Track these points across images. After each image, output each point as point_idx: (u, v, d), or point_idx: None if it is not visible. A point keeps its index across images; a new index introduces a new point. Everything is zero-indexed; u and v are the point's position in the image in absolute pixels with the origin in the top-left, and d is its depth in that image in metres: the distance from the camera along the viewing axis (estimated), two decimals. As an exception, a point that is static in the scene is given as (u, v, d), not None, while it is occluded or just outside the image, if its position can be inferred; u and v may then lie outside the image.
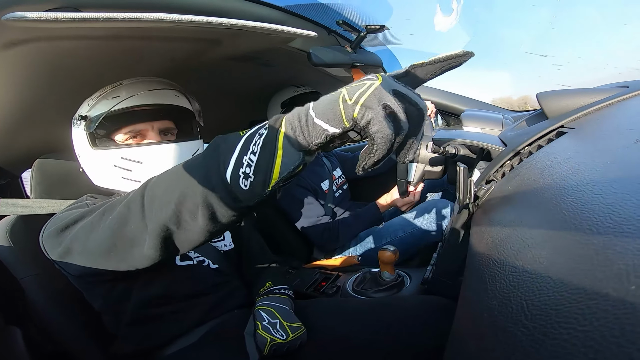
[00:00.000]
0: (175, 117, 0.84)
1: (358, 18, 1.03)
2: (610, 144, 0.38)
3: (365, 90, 0.38)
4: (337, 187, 1.55)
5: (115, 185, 0.77)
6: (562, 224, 0.29)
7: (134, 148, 0.75)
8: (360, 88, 0.39)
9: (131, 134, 0.78)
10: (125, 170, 0.74)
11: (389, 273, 1.00)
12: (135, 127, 0.78)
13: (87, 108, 0.77)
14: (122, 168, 0.74)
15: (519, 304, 0.26)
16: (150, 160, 0.74)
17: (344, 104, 0.38)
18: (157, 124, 0.80)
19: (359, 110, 0.37)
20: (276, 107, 1.45)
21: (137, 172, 0.74)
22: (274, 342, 0.67)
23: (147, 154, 0.75)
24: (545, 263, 0.27)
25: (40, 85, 0.83)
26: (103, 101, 0.76)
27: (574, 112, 0.56)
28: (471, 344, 0.31)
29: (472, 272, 0.40)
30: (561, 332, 0.20)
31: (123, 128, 0.78)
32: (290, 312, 0.77)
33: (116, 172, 0.75)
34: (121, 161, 0.74)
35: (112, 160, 0.74)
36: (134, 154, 0.74)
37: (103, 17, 0.55)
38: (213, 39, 0.89)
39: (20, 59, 0.70)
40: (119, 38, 0.76)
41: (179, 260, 0.79)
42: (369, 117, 0.37)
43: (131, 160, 0.74)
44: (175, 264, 0.78)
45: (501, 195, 0.47)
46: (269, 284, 0.86)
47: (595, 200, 0.28)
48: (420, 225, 1.24)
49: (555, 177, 0.38)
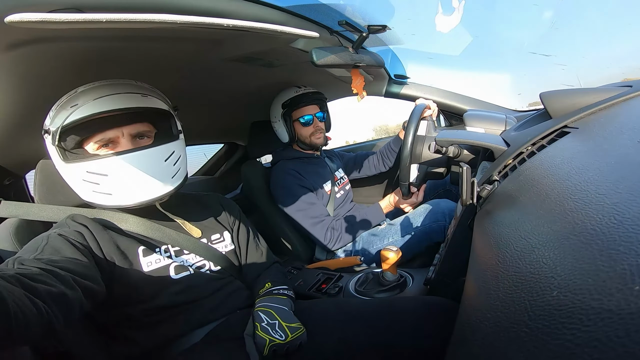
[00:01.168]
0: (148, 118, 0.78)
1: (360, 18, 1.03)
2: (614, 143, 0.38)
3: None
4: (339, 188, 1.55)
5: (89, 198, 0.74)
6: (566, 224, 0.29)
7: (97, 161, 0.70)
8: None
9: (101, 142, 0.74)
10: (93, 184, 0.71)
11: (391, 273, 1.00)
12: (104, 134, 0.73)
13: (49, 121, 0.72)
14: (90, 182, 0.71)
15: (522, 304, 0.26)
16: (115, 171, 0.70)
17: None
18: (127, 129, 0.75)
19: None
20: (277, 108, 1.46)
21: (105, 185, 0.71)
22: (273, 343, 0.67)
23: (110, 165, 0.70)
24: (548, 263, 0.26)
25: (44, 86, 0.83)
26: (61, 112, 0.70)
27: (577, 112, 0.56)
28: (474, 344, 0.31)
29: (474, 272, 0.40)
30: (565, 332, 0.20)
31: (92, 137, 0.73)
32: (290, 312, 0.77)
33: (86, 185, 0.72)
34: (87, 175, 0.70)
35: (79, 174, 0.71)
36: (97, 166, 0.70)
37: (106, 19, 0.55)
38: (215, 40, 0.89)
39: (24, 60, 0.70)
40: (121, 39, 0.76)
41: (174, 274, 0.78)
42: None
43: (96, 174, 0.70)
44: (171, 278, 0.77)
45: (504, 195, 0.47)
46: (269, 285, 0.86)
47: (599, 200, 0.28)
48: (423, 225, 1.24)
49: (558, 177, 0.37)
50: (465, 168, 0.54)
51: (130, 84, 0.78)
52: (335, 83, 1.58)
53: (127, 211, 0.80)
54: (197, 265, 0.83)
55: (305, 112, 1.44)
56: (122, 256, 0.74)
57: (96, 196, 0.73)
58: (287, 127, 1.45)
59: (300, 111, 1.43)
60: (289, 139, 1.48)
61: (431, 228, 1.22)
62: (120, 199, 0.73)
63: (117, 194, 0.72)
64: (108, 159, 0.70)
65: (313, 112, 1.45)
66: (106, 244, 0.73)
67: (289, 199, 1.37)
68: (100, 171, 0.70)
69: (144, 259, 0.76)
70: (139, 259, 0.76)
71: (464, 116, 0.91)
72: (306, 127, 1.45)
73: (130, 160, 0.71)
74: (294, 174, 1.39)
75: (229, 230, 0.95)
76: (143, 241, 0.79)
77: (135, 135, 0.76)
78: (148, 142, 0.78)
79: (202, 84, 1.22)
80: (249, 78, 1.32)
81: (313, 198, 1.38)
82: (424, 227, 1.23)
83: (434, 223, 1.22)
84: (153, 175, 0.73)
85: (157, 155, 0.75)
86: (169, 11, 0.62)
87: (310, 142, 1.47)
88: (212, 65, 1.08)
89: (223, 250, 0.90)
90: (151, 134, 0.80)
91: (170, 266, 0.79)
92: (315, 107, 1.46)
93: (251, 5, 0.80)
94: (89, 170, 0.70)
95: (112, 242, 0.75)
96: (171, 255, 0.81)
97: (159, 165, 0.75)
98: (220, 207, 0.98)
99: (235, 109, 1.64)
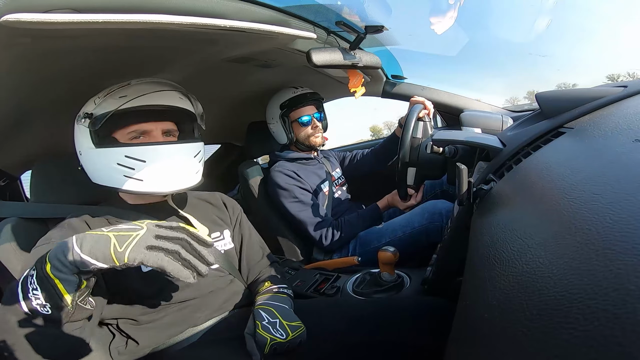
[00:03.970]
0: (178, 118, 0.85)
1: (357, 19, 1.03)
2: (609, 143, 0.38)
3: (131, 241, 0.52)
4: (337, 188, 1.55)
5: (115, 183, 0.76)
6: (562, 224, 0.29)
7: (138, 147, 0.75)
8: (127, 239, 0.52)
9: (135, 134, 0.79)
10: (127, 169, 0.74)
11: (388, 274, 1.00)
12: (141, 126, 0.78)
13: (94, 106, 0.76)
14: (125, 166, 0.74)
15: (519, 304, 0.26)
16: (153, 159, 0.75)
17: (114, 250, 0.52)
18: (161, 124, 0.81)
19: (128, 256, 0.51)
20: (275, 109, 1.45)
21: (140, 171, 0.74)
22: (274, 342, 0.67)
23: (151, 153, 0.75)
24: (545, 263, 0.27)
25: (39, 87, 0.83)
26: (110, 100, 0.75)
27: (572, 112, 0.56)
28: (471, 344, 0.31)
29: (471, 272, 0.40)
30: (562, 332, 0.20)
31: (128, 127, 0.78)
32: (290, 311, 0.77)
33: (118, 170, 0.74)
34: (125, 159, 0.74)
35: (116, 158, 0.74)
36: (138, 152, 0.74)
37: (102, 19, 0.55)
38: (211, 40, 0.89)
39: (20, 61, 0.70)
40: (117, 40, 0.76)
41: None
42: (139, 260, 0.51)
43: (135, 159, 0.74)
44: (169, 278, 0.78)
45: (500, 195, 0.47)
46: (269, 284, 0.86)
47: (594, 200, 0.28)
48: (420, 226, 1.24)
49: (554, 177, 0.38)
50: (462, 168, 0.54)
51: (171, 84, 0.83)
52: (332, 84, 1.58)
53: (134, 208, 0.82)
54: None
55: (304, 112, 1.44)
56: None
57: (127, 181, 0.75)
58: (285, 128, 1.45)
59: (298, 112, 1.43)
60: (288, 140, 1.47)
61: (428, 228, 1.22)
62: (151, 185, 0.76)
63: (148, 181, 0.75)
64: (149, 146, 0.76)
65: (311, 113, 1.45)
66: None
67: (288, 200, 1.37)
68: (140, 157, 0.74)
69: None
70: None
71: (460, 116, 0.91)
72: (305, 128, 1.45)
73: (168, 151, 0.77)
74: (292, 175, 1.39)
75: (229, 228, 0.95)
76: None
77: (165, 131, 0.82)
78: (174, 139, 0.84)
79: (198, 84, 1.21)
80: (246, 78, 1.32)
81: (310, 199, 1.38)
82: (421, 227, 1.23)
83: (431, 224, 1.22)
84: (183, 167, 0.79)
85: (188, 151, 0.80)
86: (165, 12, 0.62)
87: (309, 142, 1.47)
88: (209, 65, 1.08)
89: (222, 249, 0.90)
90: (176, 133, 0.86)
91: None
92: (313, 108, 1.47)
93: (248, 6, 0.80)
94: (128, 154, 0.74)
95: None
96: None
97: (189, 160, 0.80)
98: (222, 206, 0.99)
99: (232, 109, 1.63)
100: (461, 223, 0.61)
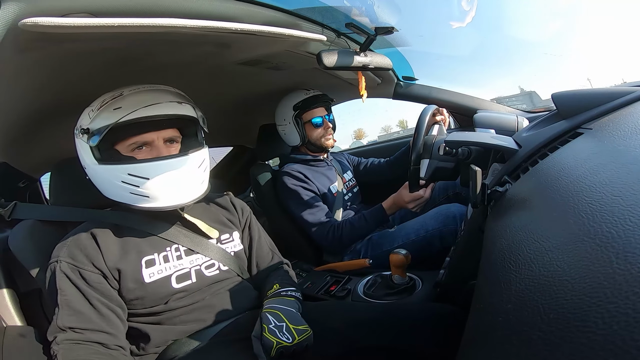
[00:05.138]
0: (180, 125, 0.83)
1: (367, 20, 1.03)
2: (629, 144, 0.37)
3: None
4: (347, 190, 1.54)
5: (122, 198, 0.77)
6: (580, 226, 0.28)
7: (140, 164, 0.74)
8: None
9: (136, 145, 0.78)
10: (131, 186, 0.74)
11: (400, 276, 0.99)
12: (142, 137, 0.77)
13: (89, 120, 0.75)
14: (129, 184, 0.74)
15: (535, 307, 0.25)
16: (156, 175, 0.74)
17: None
18: (163, 133, 0.79)
19: None
20: (287, 110, 1.46)
21: (144, 187, 0.74)
22: (280, 345, 0.67)
23: (153, 169, 0.74)
24: (562, 266, 0.26)
25: (57, 89, 0.85)
26: (104, 113, 0.73)
27: (590, 113, 0.55)
28: (485, 348, 0.30)
29: (486, 275, 0.39)
30: (579, 335, 0.20)
31: (128, 139, 0.77)
32: (297, 314, 0.76)
33: (123, 187, 0.74)
34: (127, 177, 0.74)
35: (119, 175, 0.74)
36: (140, 170, 0.74)
37: (117, 23, 0.56)
38: (223, 43, 0.90)
39: (38, 64, 0.72)
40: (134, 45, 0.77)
41: (176, 283, 0.78)
42: None
43: (137, 177, 0.73)
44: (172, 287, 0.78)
45: (516, 197, 0.47)
46: (277, 286, 0.86)
47: (614, 202, 0.27)
48: (434, 229, 1.22)
49: (572, 179, 0.37)
50: (476, 170, 0.53)
51: (169, 90, 0.82)
52: (341, 86, 1.58)
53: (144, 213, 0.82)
54: (207, 264, 0.84)
55: (316, 114, 1.46)
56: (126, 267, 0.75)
57: (133, 197, 0.75)
58: (298, 129, 1.46)
59: (311, 113, 1.45)
60: (300, 141, 1.48)
61: (442, 232, 1.20)
62: (156, 201, 0.76)
63: (154, 197, 0.75)
64: (151, 162, 0.74)
65: (322, 115, 1.47)
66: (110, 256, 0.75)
67: (294, 201, 1.38)
68: (143, 174, 0.73)
69: (146, 270, 0.77)
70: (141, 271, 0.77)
71: (474, 117, 0.90)
72: (317, 129, 1.47)
73: (171, 165, 0.75)
74: (300, 177, 1.40)
75: (239, 230, 0.96)
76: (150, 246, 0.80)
77: (167, 139, 0.81)
78: (177, 147, 0.83)
79: (211, 87, 1.23)
80: (257, 81, 1.33)
81: (317, 201, 1.38)
82: (435, 230, 1.22)
83: (445, 227, 1.20)
84: (188, 180, 0.78)
85: (192, 162, 0.79)
86: (178, 15, 0.63)
87: (321, 143, 1.49)
88: (220, 68, 1.09)
89: (232, 251, 0.91)
90: (179, 140, 0.84)
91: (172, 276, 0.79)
92: (324, 110, 1.49)
93: (259, 9, 0.81)
94: (131, 172, 0.73)
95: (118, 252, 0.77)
96: (181, 254, 0.82)
97: (194, 172, 0.79)
98: (231, 207, 0.99)
99: (243, 111, 1.65)
100: (475, 225, 0.60)
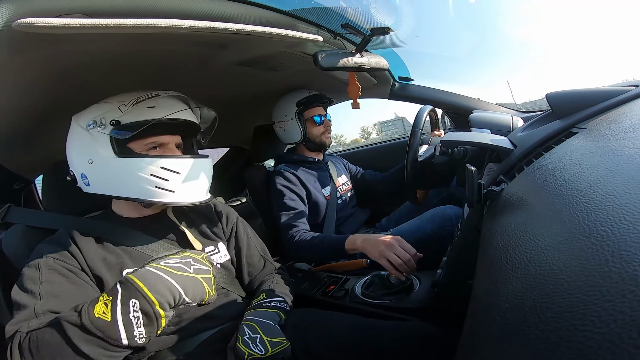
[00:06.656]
0: (187, 132, 0.87)
1: (363, 21, 1.03)
2: (623, 143, 0.37)
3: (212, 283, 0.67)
4: (341, 193, 1.55)
5: (141, 193, 0.75)
6: (575, 225, 0.28)
7: (174, 159, 0.76)
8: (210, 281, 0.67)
9: (153, 144, 0.79)
10: (161, 180, 0.74)
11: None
12: (161, 138, 0.79)
13: (119, 113, 0.75)
14: (160, 177, 0.74)
15: (532, 306, 0.25)
16: (186, 171, 0.77)
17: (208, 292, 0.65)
18: (175, 138, 0.83)
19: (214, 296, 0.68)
20: (291, 106, 1.46)
21: (173, 182, 0.75)
22: (252, 357, 0.67)
23: (185, 165, 0.77)
24: (558, 265, 0.26)
25: (52, 91, 0.84)
26: (140, 109, 0.75)
27: (584, 112, 0.55)
28: (483, 348, 0.30)
29: (483, 275, 0.40)
30: (577, 334, 0.20)
31: (147, 138, 0.77)
32: (275, 326, 0.75)
33: (150, 180, 0.74)
34: (160, 170, 0.74)
35: (150, 169, 0.74)
36: (174, 164, 0.76)
37: (112, 24, 0.56)
38: (219, 44, 0.90)
39: (33, 65, 0.71)
40: (130, 46, 0.77)
41: None
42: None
43: (171, 171, 0.75)
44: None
45: (511, 197, 0.47)
46: (262, 296, 0.85)
47: (608, 200, 0.28)
48: (431, 231, 1.22)
49: (567, 178, 0.37)
50: (472, 170, 0.54)
51: (186, 98, 0.85)
52: (340, 86, 1.58)
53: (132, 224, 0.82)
54: None
55: (317, 111, 1.49)
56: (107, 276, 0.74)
57: (156, 192, 0.75)
58: (300, 125, 1.47)
59: (313, 110, 1.48)
60: (302, 137, 1.48)
61: (439, 234, 1.20)
62: (180, 197, 0.77)
63: (179, 192, 0.77)
64: (184, 159, 0.78)
65: (322, 113, 1.50)
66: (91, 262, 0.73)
67: (277, 201, 1.38)
68: (176, 169, 0.76)
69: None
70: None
71: (469, 117, 0.91)
72: (318, 127, 1.49)
73: (199, 164, 0.81)
74: (291, 179, 1.40)
75: (224, 241, 0.93)
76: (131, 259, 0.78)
77: (177, 143, 0.84)
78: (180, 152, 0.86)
79: (207, 87, 1.23)
80: (253, 82, 1.33)
81: (299, 205, 1.36)
82: (432, 232, 1.21)
83: (441, 229, 1.20)
84: (207, 180, 0.83)
85: (209, 165, 0.85)
86: (174, 16, 0.63)
87: (321, 140, 1.50)
88: (217, 69, 1.09)
89: (218, 263, 0.88)
90: (181, 146, 0.87)
91: None
92: (322, 109, 1.52)
93: (255, 9, 0.81)
94: (164, 166, 0.75)
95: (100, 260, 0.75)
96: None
97: (210, 174, 0.85)
98: (215, 218, 0.96)
99: (240, 112, 1.65)
100: (472, 225, 0.61)
